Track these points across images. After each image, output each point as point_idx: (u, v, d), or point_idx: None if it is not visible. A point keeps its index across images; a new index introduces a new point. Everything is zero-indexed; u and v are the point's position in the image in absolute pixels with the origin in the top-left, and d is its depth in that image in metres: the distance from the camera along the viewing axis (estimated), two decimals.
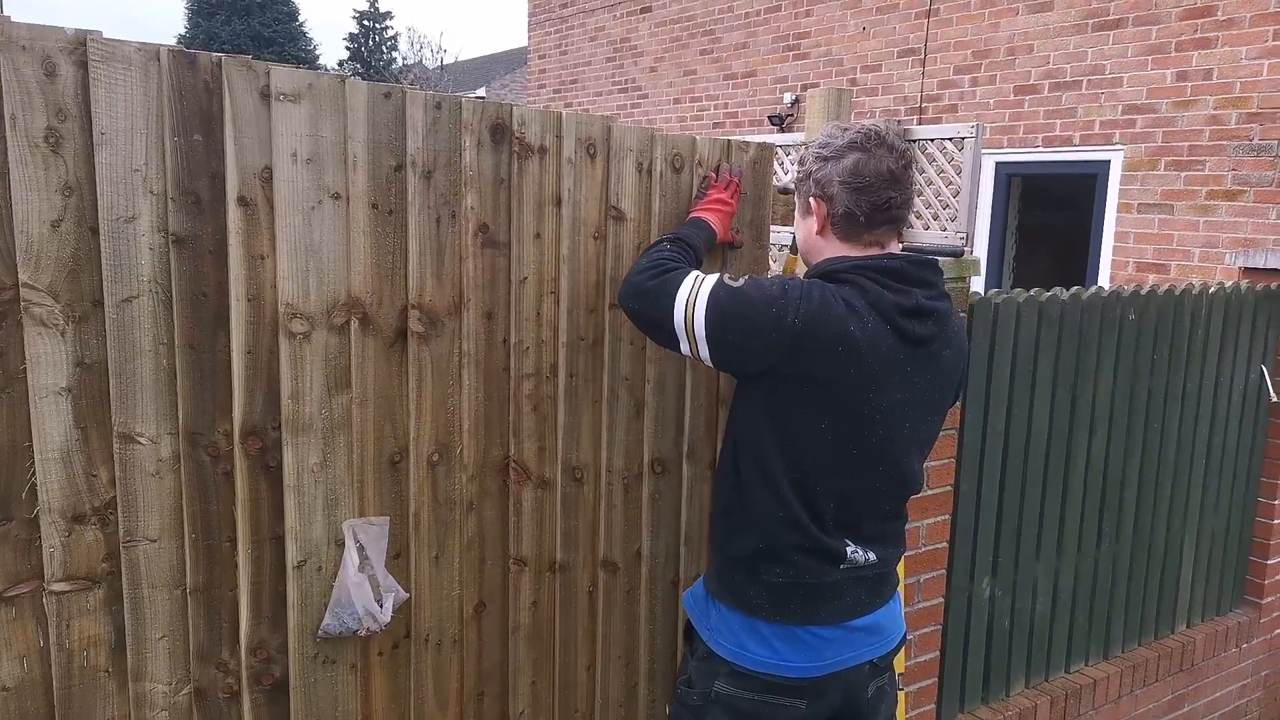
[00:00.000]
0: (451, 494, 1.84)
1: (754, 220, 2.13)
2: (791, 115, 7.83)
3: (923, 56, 6.78)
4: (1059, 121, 6.03)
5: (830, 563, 1.74)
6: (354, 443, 1.72)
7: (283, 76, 1.55)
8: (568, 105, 10.26)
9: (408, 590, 1.81)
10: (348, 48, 33.75)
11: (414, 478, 1.79)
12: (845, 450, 1.70)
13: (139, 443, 1.52)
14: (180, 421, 1.55)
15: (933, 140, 2.45)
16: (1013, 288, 2.93)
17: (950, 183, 2.43)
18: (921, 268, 1.73)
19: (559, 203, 1.87)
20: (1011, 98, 6.28)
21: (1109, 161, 5.82)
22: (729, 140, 2.06)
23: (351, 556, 1.70)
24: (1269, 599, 3.67)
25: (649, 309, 1.76)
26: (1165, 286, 3.15)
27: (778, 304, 1.63)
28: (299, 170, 1.58)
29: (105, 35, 1.42)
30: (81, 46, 1.40)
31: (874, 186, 1.70)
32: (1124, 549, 3.24)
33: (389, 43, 34.16)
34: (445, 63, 27.14)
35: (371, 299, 1.69)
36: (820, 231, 1.79)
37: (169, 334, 1.53)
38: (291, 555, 1.68)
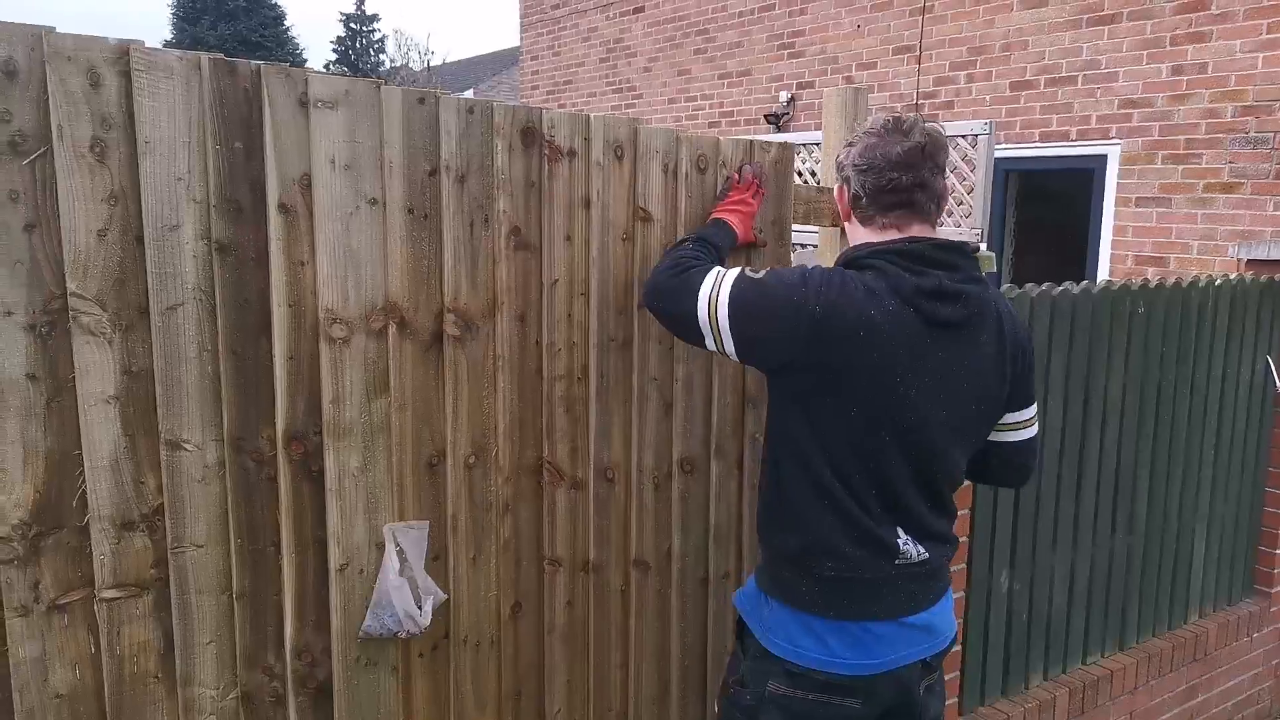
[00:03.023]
0: (488, 496, 1.86)
1: (776, 220, 2.15)
2: (788, 114, 7.86)
3: (918, 54, 6.81)
4: (1055, 117, 6.08)
5: (884, 557, 1.73)
6: (393, 446, 1.73)
7: (320, 84, 1.56)
8: (562, 106, 10.27)
9: (446, 592, 1.82)
10: (335, 50, 33.70)
11: (451, 480, 1.80)
12: (878, 437, 1.69)
13: (185, 449, 1.54)
14: (225, 428, 1.57)
15: (947, 137, 2.48)
16: (1012, 283, 2.95)
17: (964, 179, 2.45)
18: (943, 250, 1.71)
19: (588, 205, 1.88)
20: (1008, 94, 6.32)
21: (1106, 156, 5.86)
22: (752, 140, 2.08)
23: (391, 560, 1.71)
24: (1278, 588, 3.71)
25: (673, 306, 1.78)
26: (1173, 280, 3.18)
27: (798, 292, 1.65)
28: (337, 176, 1.60)
29: (147, 45, 1.44)
30: (125, 56, 1.41)
31: (877, 168, 1.71)
32: (1137, 540, 3.27)
33: (376, 45, 34.10)
34: (432, 64, 27.09)
35: (408, 303, 1.71)
36: (846, 216, 1.84)
37: (213, 341, 1.54)
38: (334, 559, 1.69)
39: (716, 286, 1.72)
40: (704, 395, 2.11)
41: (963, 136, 2.36)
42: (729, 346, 1.73)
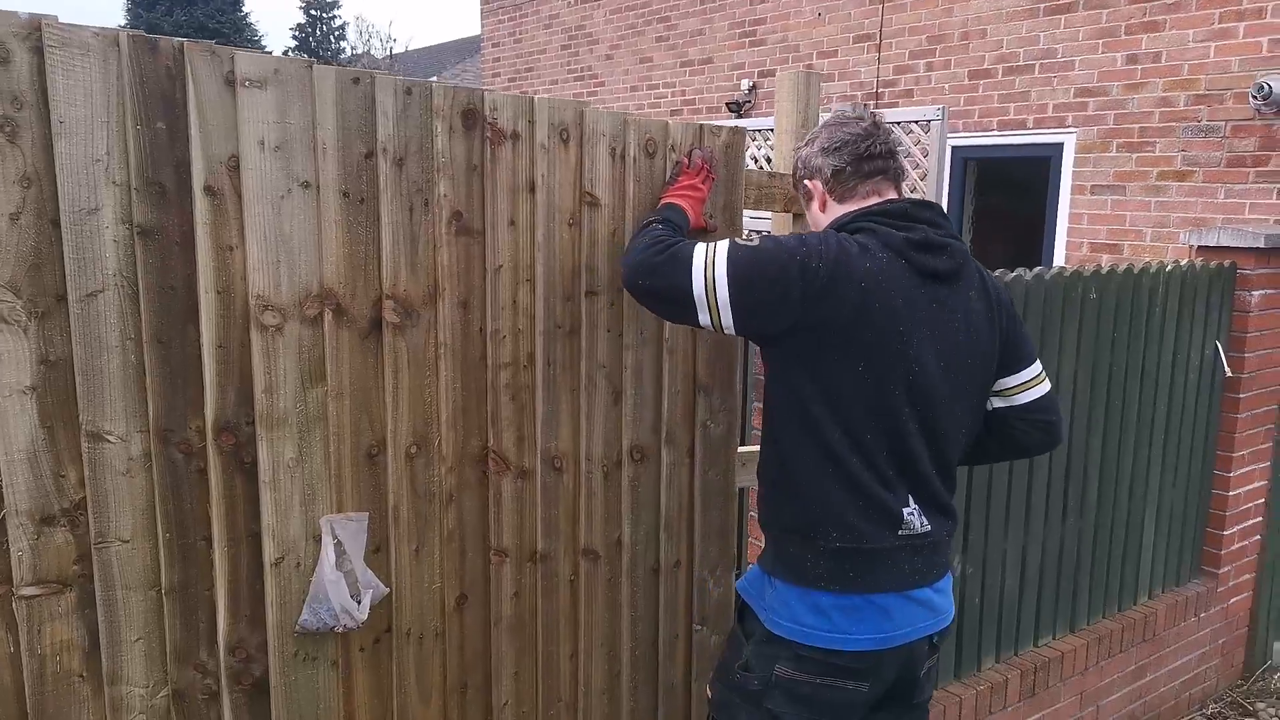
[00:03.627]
0: (431, 486, 1.82)
1: (727, 205, 2.13)
2: (749, 102, 7.84)
3: (878, 42, 6.82)
4: (1013, 105, 6.12)
5: (887, 527, 1.72)
6: (330, 436, 1.69)
7: (247, 62, 1.51)
8: (523, 93, 10.17)
9: (388, 584, 1.78)
10: (295, 37, 33.18)
11: (392, 471, 1.76)
12: (886, 392, 1.69)
13: (108, 441, 1.48)
14: (151, 419, 1.51)
15: (899, 124, 2.47)
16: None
17: (917, 165, 2.44)
18: (924, 208, 1.80)
19: (533, 189, 1.84)
20: (966, 82, 6.36)
21: (1062, 144, 5.91)
22: (701, 125, 2.05)
23: (328, 553, 1.67)
24: (1225, 568, 3.77)
25: (662, 284, 1.74)
26: (1124, 266, 3.20)
27: (799, 252, 1.67)
28: (267, 158, 1.55)
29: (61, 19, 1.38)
30: (36, 32, 1.35)
31: (850, 143, 1.82)
32: (1088, 524, 3.30)
33: (337, 32, 33.62)
34: (395, 52, 26.74)
35: (345, 290, 1.66)
36: (822, 207, 1.86)
37: (136, 329, 1.48)
38: (269, 552, 1.65)
39: (710, 258, 1.70)
40: (654, 383, 2.09)
41: (915, 122, 2.36)
42: (725, 318, 1.71)
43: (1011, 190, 6.75)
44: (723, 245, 1.72)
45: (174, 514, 1.56)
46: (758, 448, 2.29)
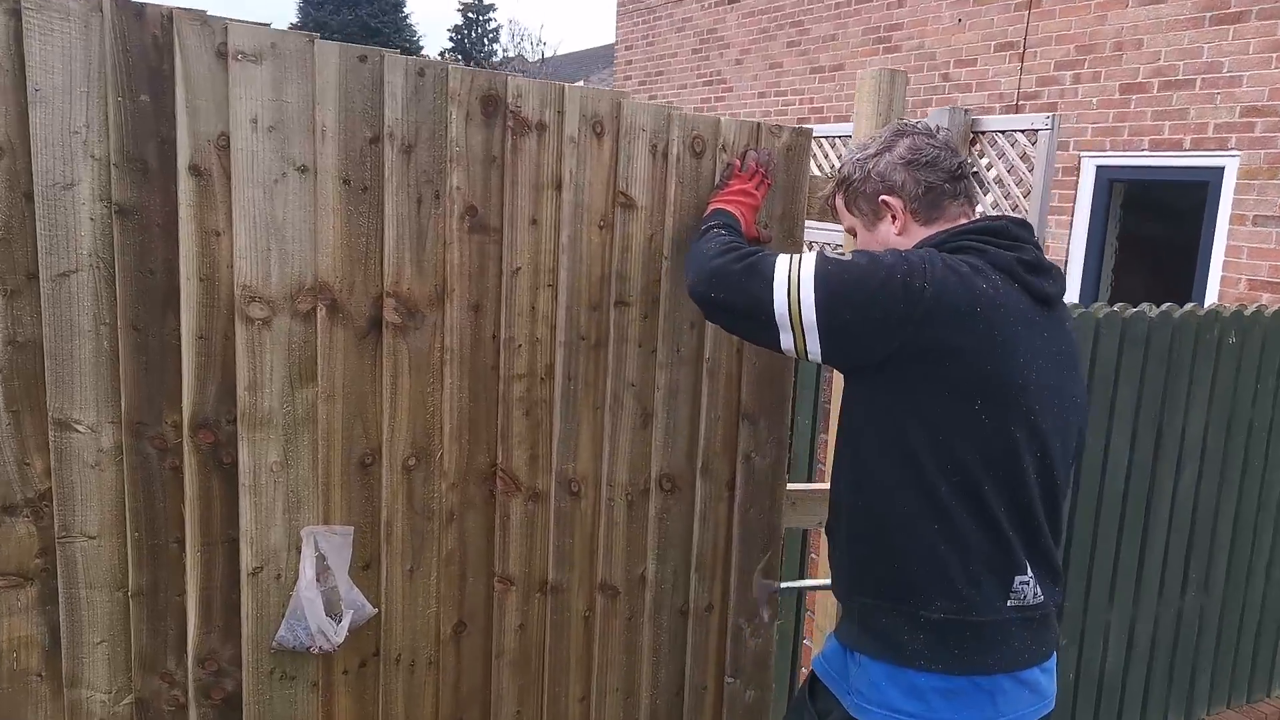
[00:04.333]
0: (430, 502, 1.68)
1: (786, 214, 1.90)
2: None
3: (1021, 51, 6.36)
4: (1168, 123, 5.57)
5: (999, 594, 1.48)
6: (320, 441, 1.56)
7: (241, 34, 1.40)
8: (652, 98, 10.08)
9: (377, 605, 1.65)
10: (451, 39, 34.34)
11: (387, 482, 1.63)
12: (1006, 434, 1.45)
13: (77, 430, 1.40)
14: (123, 409, 1.42)
15: (1003, 133, 2.18)
16: (1111, 302, 2.61)
17: (1020, 181, 2.15)
18: (1023, 226, 1.58)
19: (559, 186, 1.68)
20: (1117, 96, 5.84)
21: (1223, 168, 5.34)
22: (759, 124, 1.84)
23: (307, 567, 1.55)
24: None
25: (738, 297, 1.52)
26: (1276, 307, 2.78)
27: (900, 270, 1.43)
28: (260, 138, 1.44)
29: None
30: None
31: (940, 157, 1.59)
32: (1213, 600, 2.89)
33: (491, 35, 34.61)
34: (546, 56, 27.29)
35: (341, 284, 1.54)
36: (901, 230, 1.61)
37: (111, 313, 1.40)
38: (246, 560, 1.54)
39: (795, 272, 1.48)
40: (691, 406, 1.89)
41: (1021, 131, 2.07)
42: (811, 343, 1.48)
43: (1161, 217, 6.16)
44: (809, 258, 1.50)
45: (144, 512, 1.47)
46: (809, 486, 2.06)
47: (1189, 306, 2.60)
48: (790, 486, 2.03)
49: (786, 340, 1.50)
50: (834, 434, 1.71)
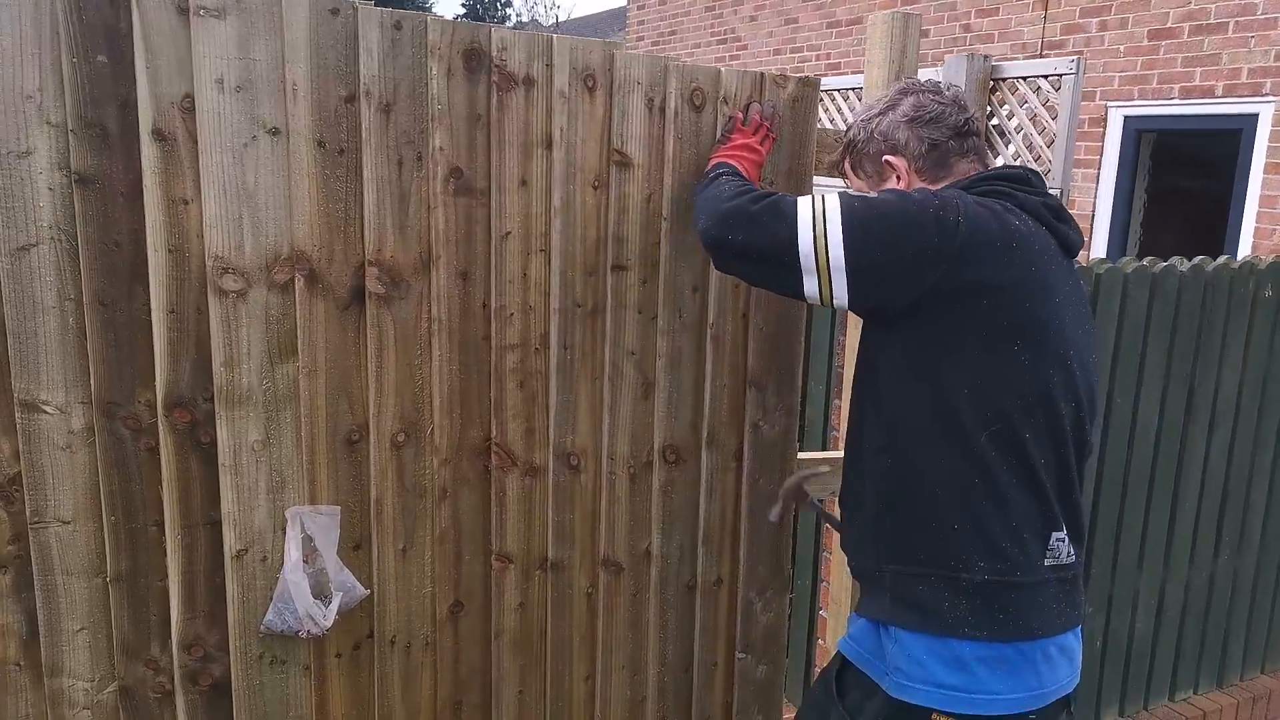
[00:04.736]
0: (421, 479, 1.61)
1: (792, 170, 1.80)
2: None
3: None
4: (1199, 70, 5.35)
5: (1039, 553, 1.40)
6: (303, 418, 1.50)
7: None
8: (657, 55, 9.87)
9: (369, 586, 1.59)
10: (463, 4, 33.97)
11: (375, 460, 1.56)
12: (1045, 379, 1.37)
13: (45, 412, 1.34)
14: (93, 389, 1.36)
15: (1024, 79, 2.05)
16: (1139, 257, 2.49)
17: (1044, 129, 2.03)
18: (1038, 176, 1.52)
19: (550, 144, 1.59)
20: (1145, 43, 5.62)
21: (1257, 115, 5.13)
22: (762, 74, 1.73)
23: (292, 549, 1.49)
24: None
25: (758, 238, 1.42)
26: None
27: (932, 205, 1.36)
28: (226, 99, 1.35)
29: None
30: None
31: (945, 114, 1.53)
32: (1247, 562, 2.79)
33: (504, 0, 34.19)
34: (560, 19, 26.89)
35: (320, 253, 1.46)
36: (907, 188, 1.51)
37: (76, 289, 1.33)
38: (230, 543, 1.48)
39: (820, 209, 1.38)
40: (694, 374, 1.80)
41: (1043, 77, 1.94)
42: (838, 286, 1.38)
43: (1193, 168, 5.96)
44: (833, 195, 1.40)
45: (120, 495, 1.41)
46: (822, 454, 1.98)
47: (1222, 259, 2.48)
48: (801, 455, 1.95)
49: (810, 284, 1.40)
50: (849, 397, 1.62)
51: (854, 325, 1.98)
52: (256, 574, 1.51)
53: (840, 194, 1.42)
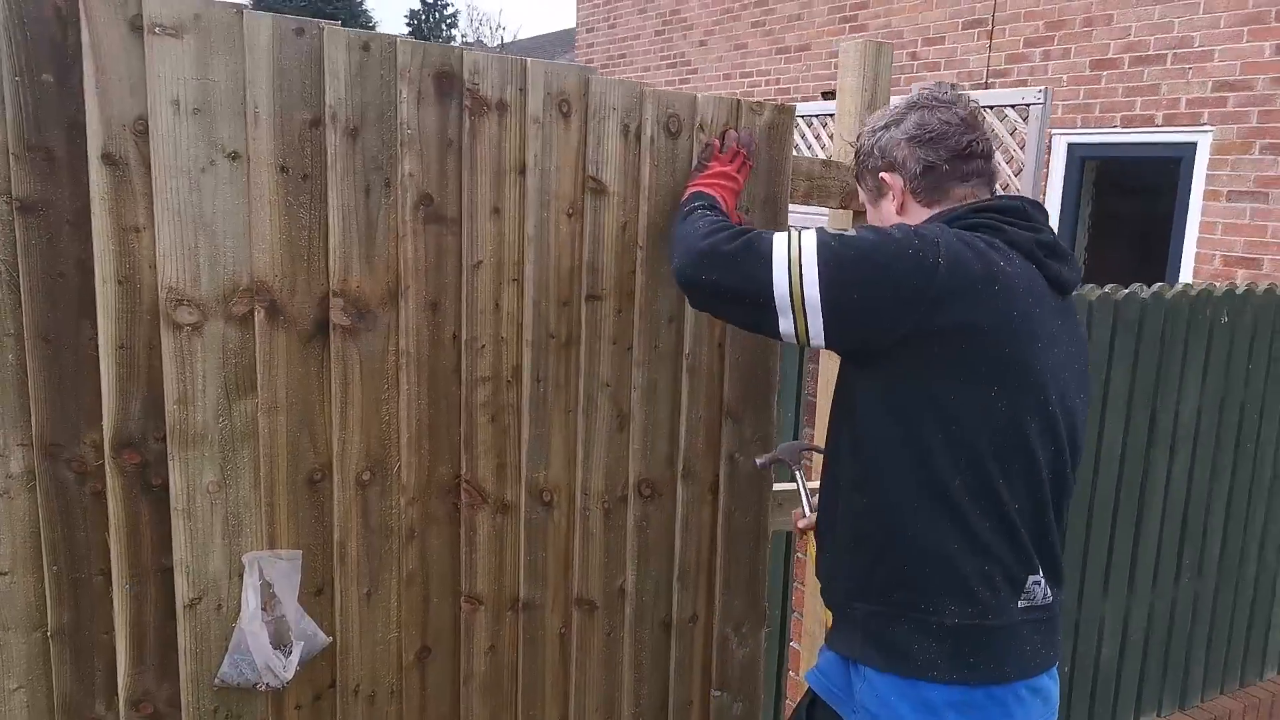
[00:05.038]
0: (387, 519, 1.53)
1: (769, 198, 1.77)
2: None
3: (990, 28, 6.27)
4: (1140, 99, 5.51)
5: (1011, 595, 1.37)
6: (262, 458, 1.41)
7: (159, 3, 1.24)
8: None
9: (332, 634, 1.51)
10: (408, 24, 33.77)
11: (339, 500, 1.48)
12: (1021, 424, 1.34)
13: None
14: (34, 430, 1.27)
15: (991, 108, 2.06)
16: (1083, 283, 2.51)
17: (1011, 159, 2.04)
18: (1036, 208, 1.47)
19: (523, 171, 1.53)
20: (1087, 73, 5.77)
21: (1195, 144, 5.29)
22: (738, 101, 1.70)
23: (250, 597, 1.40)
24: None
25: (733, 279, 1.38)
26: (1265, 285, 2.70)
27: (910, 244, 1.32)
28: (183, 122, 1.28)
29: None
30: None
31: (947, 134, 1.46)
32: (1207, 586, 2.82)
33: (449, 20, 34.08)
34: (505, 41, 26.92)
35: (282, 284, 1.38)
36: (901, 209, 1.49)
37: (16, 323, 1.24)
38: (182, 592, 1.39)
39: (796, 248, 1.35)
40: (670, 406, 1.76)
41: (1011, 107, 1.95)
42: (814, 325, 1.35)
43: (1134, 194, 6.12)
44: (810, 234, 1.37)
45: (64, 543, 1.31)
46: (798, 486, 1.94)
47: (1181, 286, 2.51)
48: (776, 487, 1.91)
49: (786, 324, 1.37)
50: (821, 429, 1.59)
51: (826, 353, 1.95)
52: (211, 624, 1.42)
53: (818, 230, 1.39)
